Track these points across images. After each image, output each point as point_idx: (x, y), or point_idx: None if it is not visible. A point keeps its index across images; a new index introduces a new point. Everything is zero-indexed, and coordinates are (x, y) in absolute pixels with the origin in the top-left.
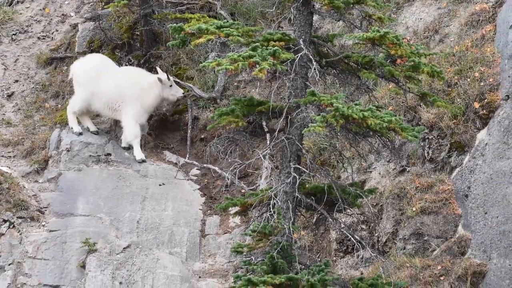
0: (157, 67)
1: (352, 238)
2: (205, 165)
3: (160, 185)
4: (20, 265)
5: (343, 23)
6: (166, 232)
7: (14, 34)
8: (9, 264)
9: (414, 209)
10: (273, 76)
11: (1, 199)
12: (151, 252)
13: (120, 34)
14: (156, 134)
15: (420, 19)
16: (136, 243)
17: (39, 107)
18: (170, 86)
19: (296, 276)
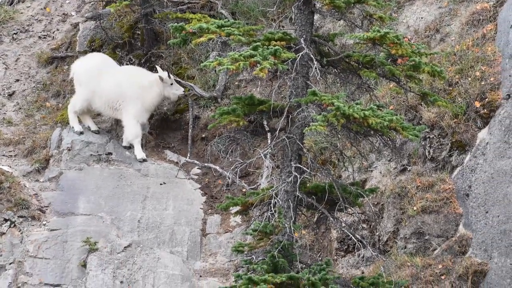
0: (157, 66)
1: (353, 237)
2: (206, 164)
3: (161, 184)
4: (21, 264)
5: (344, 22)
6: (167, 231)
7: (15, 34)
8: (10, 263)
9: (415, 208)
10: (274, 75)
11: (2, 198)
12: (152, 251)
13: (121, 33)
14: (157, 133)
15: (421, 18)
16: (137, 242)
17: (40, 106)
18: (171, 84)
19: (297, 275)
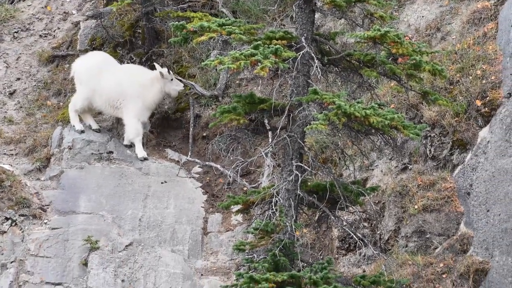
0: (155, 63)
1: (354, 236)
2: (207, 163)
3: (162, 183)
4: (22, 262)
5: (344, 21)
6: (168, 230)
7: (16, 32)
8: (11, 262)
9: (416, 206)
10: (275, 74)
11: (3, 197)
12: (153, 250)
13: (122, 32)
14: (158, 132)
15: (422, 17)
16: (138, 241)
17: (41, 105)
18: (171, 80)
19: (298, 273)
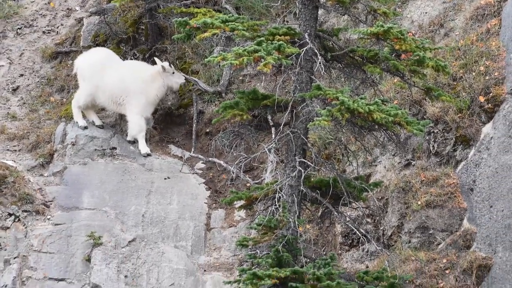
0: (155, 58)
1: (357, 232)
2: (210, 159)
3: (165, 179)
4: (26, 258)
5: (348, 17)
6: (171, 225)
7: (19, 29)
8: (14, 258)
9: (419, 202)
10: (278, 70)
11: (6, 192)
12: (156, 245)
13: (125, 28)
14: (161, 128)
15: (425, 13)
16: (141, 236)
17: (44, 101)
18: (173, 73)
19: (301, 269)
